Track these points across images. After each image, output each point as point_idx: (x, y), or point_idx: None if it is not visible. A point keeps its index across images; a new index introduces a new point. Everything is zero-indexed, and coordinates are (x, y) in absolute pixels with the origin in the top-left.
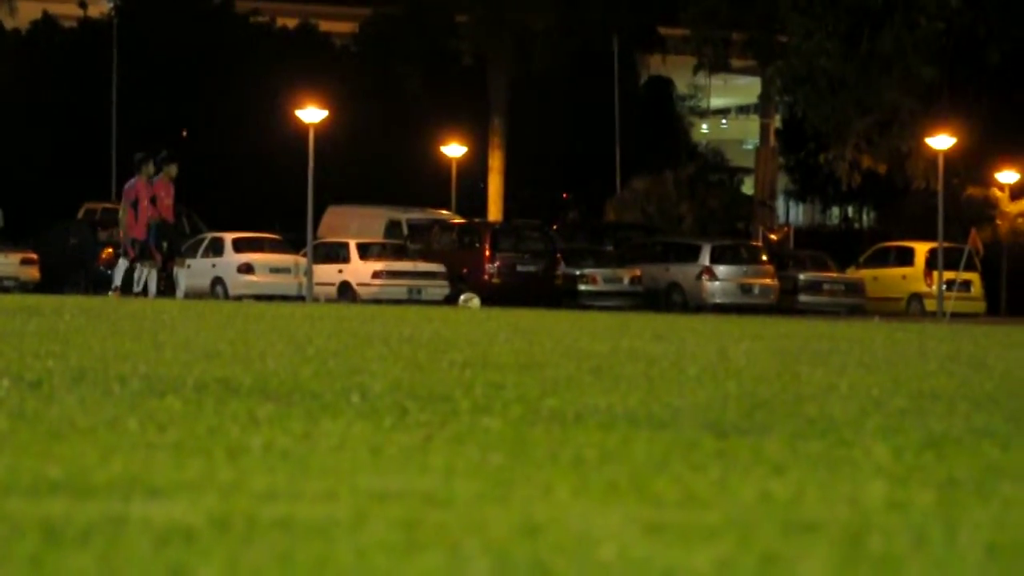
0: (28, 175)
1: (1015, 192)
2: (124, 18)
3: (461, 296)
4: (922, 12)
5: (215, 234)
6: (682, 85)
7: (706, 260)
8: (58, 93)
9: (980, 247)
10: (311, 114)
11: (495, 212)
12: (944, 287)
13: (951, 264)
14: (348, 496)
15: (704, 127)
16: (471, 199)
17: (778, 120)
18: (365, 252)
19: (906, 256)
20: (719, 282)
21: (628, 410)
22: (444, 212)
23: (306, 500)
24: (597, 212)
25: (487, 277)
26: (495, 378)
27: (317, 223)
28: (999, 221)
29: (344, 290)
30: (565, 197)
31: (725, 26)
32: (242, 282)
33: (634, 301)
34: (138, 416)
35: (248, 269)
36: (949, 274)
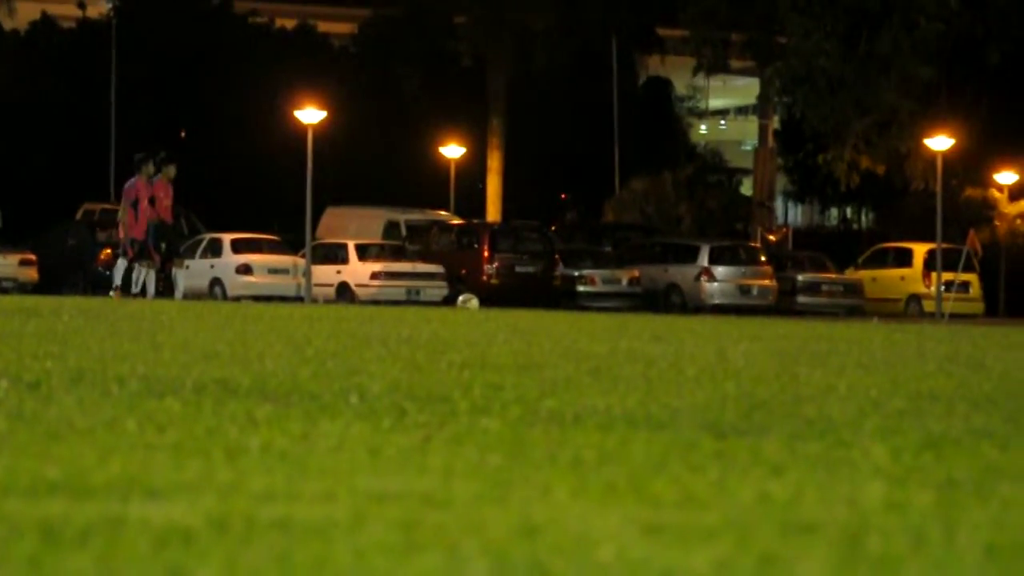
0: (27, 176)
1: (1014, 193)
2: (123, 19)
3: (459, 297)
4: (921, 13)
5: (214, 235)
6: (681, 86)
7: (705, 261)
8: (57, 94)
9: (978, 248)
10: (310, 115)
11: (494, 213)
12: (943, 288)
13: (950, 265)
14: (346, 497)
15: (703, 128)
16: (470, 200)
17: (777, 121)
18: (364, 253)
19: (904, 257)
20: (718, 283)
21: (627, 411)
22: (443, 213)
23: (304, 501)
24: (596, 213)
25: (486, 278)
26: (494, 379)
27: (316, 224)
28: (997, 222)
29: (343, 291)
30: (564, 198)
31: (724, 27)
32: (240, 283)
33: (632, 302)
34: (136, 417)
35: (247, 270)
36: (948, 275)
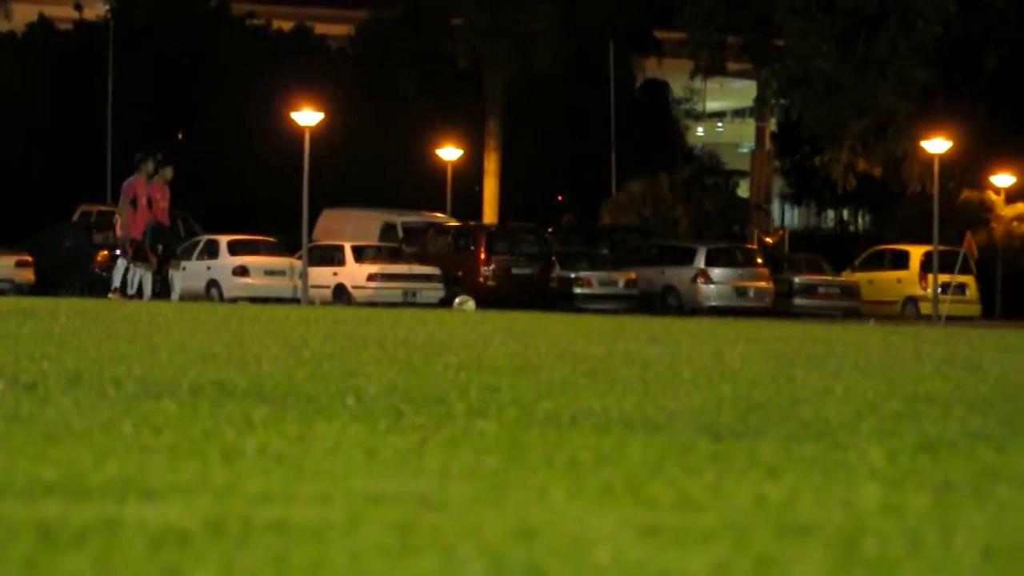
0: (23, 177)
1: (1010, 195)
2: (120, 20)
3: (456, 299)
4: (919, 15)
5: (210, 236)
6: (678, 88)
7: (701, 263)
8: (53, 95)
9: (975, 250)
10: (307, 117)
11: (490, 215)
12: (939, 290)
13: (946, 267)
14: (343, 499)
15: (700, 130)
16: (467, 202)
17: (774, 123)
18: (360, 255)
19: (901, 259)
20: (714, 285)
21: (623, 413)
22: (439, 215)
23: (301, 503)
24: (592, 215)
25: (482, 280)
26: (490, 381)
27: (312, 226)
28: (994, 224)
29: (339, 293)
30: (560, 200)
31: (721, 29)
32: (237, 284)
33: (629, 304)
34: (133, 419)
35: (243, 272)
36: (944, 277)
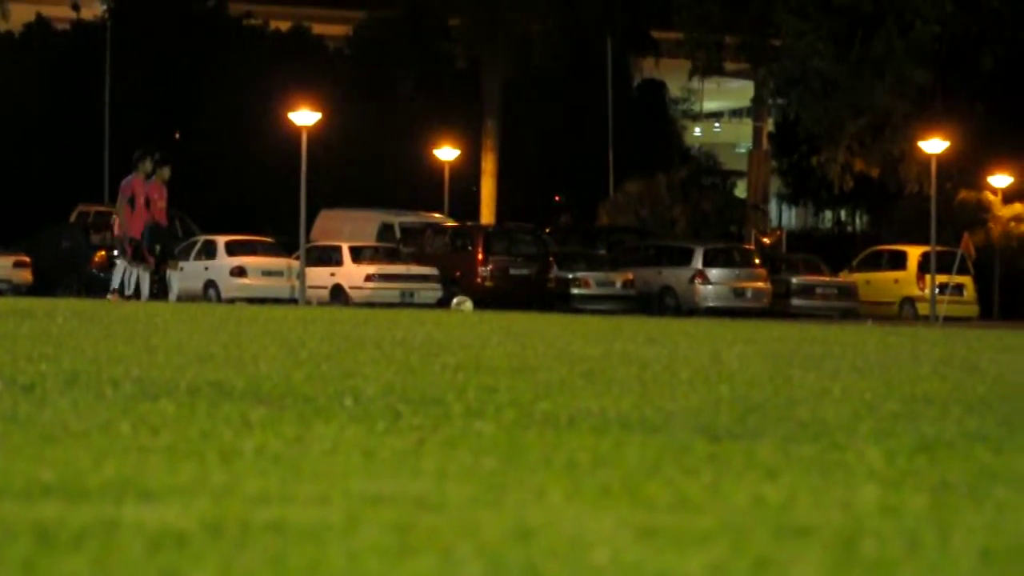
0: (21, 177)
1: (1008, 196)
2: (117, 20)
3: (454, 299)
4: (916, 15)
5: (208, 237)
6: (675, 88)
7: (699, 263)
8: (51, 96)
9: (972, 251)
10: (304, 117)
11: (488, 215)
12: (937, 291)
13: (944, 268)
14: (340, 500)
15: (697, 130)
16: (464, 202)
17: (771, 124)
18: (358, 255)
19: (899, 260)
20: (712, 285)
21: (621, 414)
22: (437, 215)
23: (298, 504)
24: (590, 215)
25: (480, 280)
26: (488, 382)
27: (310, 226)
28: (992, 225)
29: (337, 293)
30: (558, 200)
31: (718, 29)
32: (235, 285)
33: (627, 305)
34: (131, 419)
35: (241, 272)
36: (942, 278)
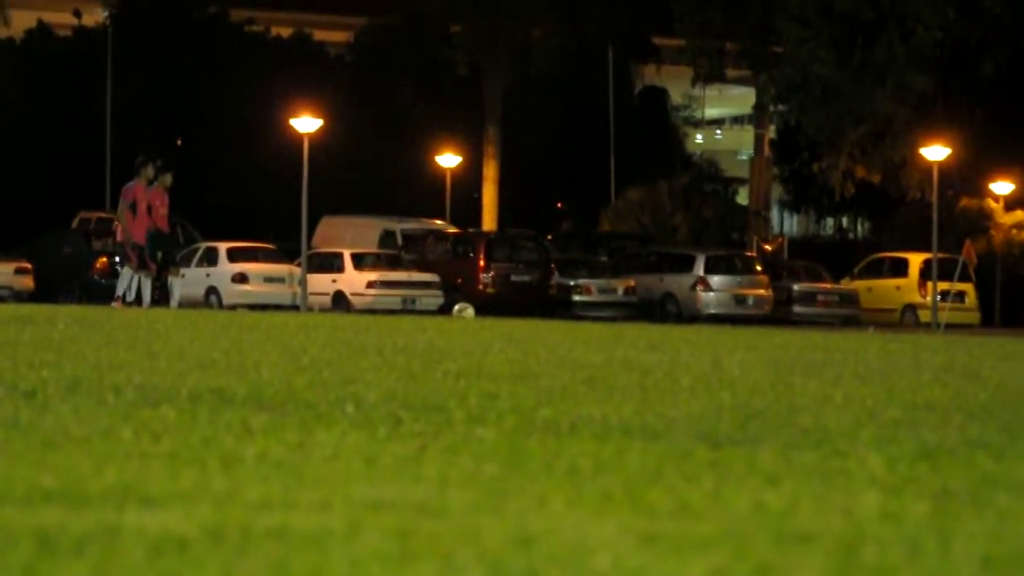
0: (22, 183)
1: (1009, 203)
2: (119, 27)
3: (455, 306)
4: (918, 21)
5: (209, 244)
6: (677, 95)
7: (700, 270)
8: (52, 102)
9: (974, 258)
10: (306, 123)
11: (489, 222)
12: (938, 298)
13: (945, 275)
14: (342, 506)
15: (699, 137)
16: (466, 209)
17: (772, 131)
18: (359, 262)
19: (900, 267)
20: (713, 292)
21: (622, 420)
22: (438, 222)
23: (300, 510)
24: (591, 222)
25: (481, 287)
26: (489, 388)
27: (311, 233)
28: (993, 232)
29: (338, 300)
30: (559, 207)
31: (719, 36)
32: (236, 292)
33: (628, 311)
34: (132, 426)
35: (242, 279)
36: (943, 285)
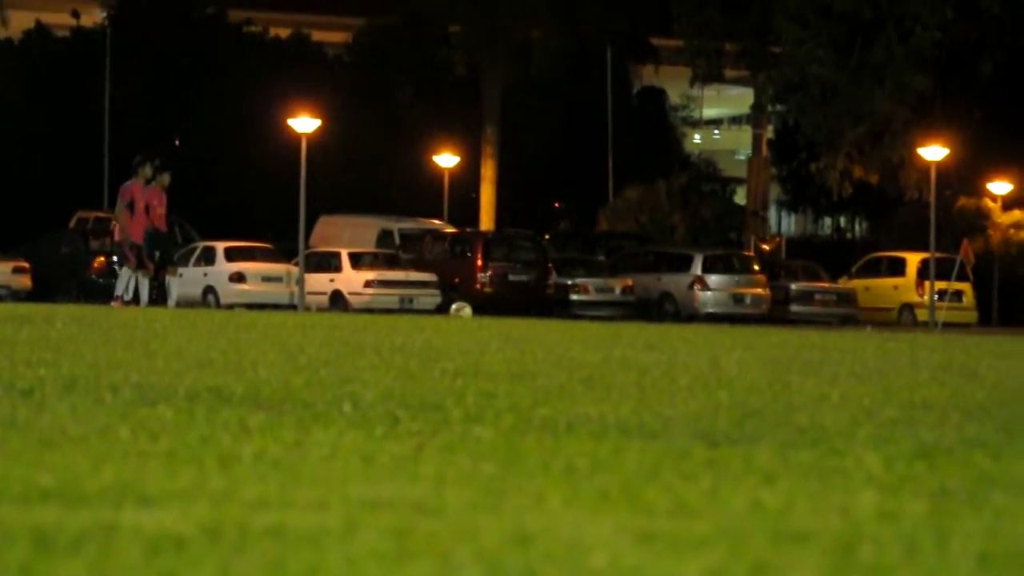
0: (20, 183)
1: (1007, 203)
2: (117, 27)
3: (453, 305)
4: (916, 21)
5: (207, 243)
6: (675, 95)
7: (698, 270)
8: (51, 102)
9: (971, 257)
10: (304, 123)
11: (487, 222)
12: (936, 297)
13: (943, 274)
14: (339, 505)
15: (697, 137)
16: (463, 209)
17: (770, 131)
18: (357, 261)
19: (898, 266)
20: (711, 292)
21: (620, 420)
22: (436, 222)
23: (297, 509)
24: (589, 222)
25: (479, 286)
26: (487, 387)
27: (309, 232)
28: (991, 232)
29: (336, 299)
30: (557, 207)
31: (718, 36)
32: (234, 291)
33: (626, 311)
34: (130, 425)
35: (240, 278)
36: (941, 284)
